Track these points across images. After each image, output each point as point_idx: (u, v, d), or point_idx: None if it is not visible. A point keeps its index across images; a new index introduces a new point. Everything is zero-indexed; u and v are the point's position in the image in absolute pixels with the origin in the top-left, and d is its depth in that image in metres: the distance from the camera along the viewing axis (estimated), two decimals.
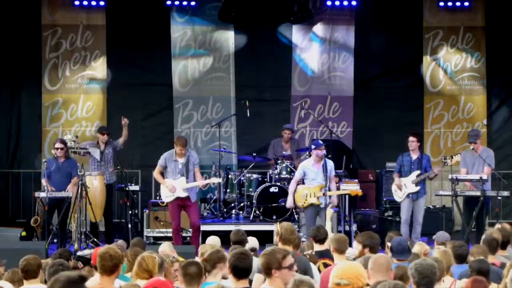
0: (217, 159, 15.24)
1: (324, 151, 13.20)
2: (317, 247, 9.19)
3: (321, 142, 13.55)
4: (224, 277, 6.83)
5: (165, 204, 14.19)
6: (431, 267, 5.98)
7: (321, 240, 9.28)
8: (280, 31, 17.17)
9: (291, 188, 13.47)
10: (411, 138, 13.79)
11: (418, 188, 13.62)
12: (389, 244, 8.81)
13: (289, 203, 13.48)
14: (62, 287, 4.37)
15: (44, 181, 13.53)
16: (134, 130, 16.91)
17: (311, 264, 8.15)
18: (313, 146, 13.34)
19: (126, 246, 10.52)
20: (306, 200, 13.14)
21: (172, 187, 13.36)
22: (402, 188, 13.70)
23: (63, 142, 13.87)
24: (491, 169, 13.52)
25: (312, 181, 13.19)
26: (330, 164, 13.33)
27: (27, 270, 7.25)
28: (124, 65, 17.16)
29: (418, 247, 8.90)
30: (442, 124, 17.27)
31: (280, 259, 5.97)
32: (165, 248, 9.14)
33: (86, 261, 7.89)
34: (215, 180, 14.21)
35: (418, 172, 13.64)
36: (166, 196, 13.53)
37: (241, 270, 6.22)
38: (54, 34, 17.07)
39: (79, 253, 8.70)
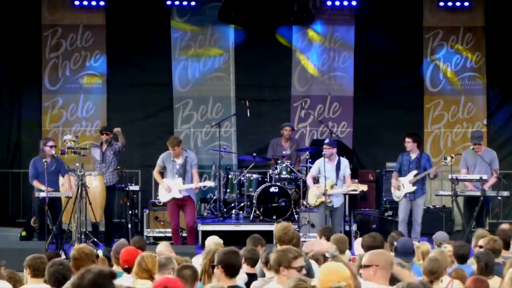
0: (217, 159, 15.23)
1: (327, 151, 13.23)
2: None
3: (328, 141, 13.66)
4: None
5: (163, 204, 14.23)
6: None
7: (327, 239, 9.35)
8: (280, 31, 17.17)
9: (309, 183, 13.53)
10: (406, 139, 13.85)
11: (415, 188, 13.61)
12: (389, 244, 8.82)
13: (314, 191, 13.47)
14: (92, 279, 4.29)
15: (36, 183, 13.49)
16: (134, 130, 16.94)
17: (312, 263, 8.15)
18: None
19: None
20: (318, 198, 13.20)
21: (167, 187, 13.48)
22: (400, 188, 13.72)
23: (53, 139, 13.96)
24: (497, 172, 13.51)
25: (325, 178, 13.20)
26: (344, 163, 13.41)
27: (40, 268, 7.16)
28: (124, 65, 17.15)
29: (423, 246, 8.90)
30: (442, 124, 17.27)
31: (290, 259, 6.03)
32: (162, 248, 9.04)
33: None
34: (208, 183, 14.26)
35: (415, 171, 13.65)
36: (163, 195, 13.66)
37: (233, 268, 6.31)
38: (54, 34, 17.06)
39: None
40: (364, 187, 13.59)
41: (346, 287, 5.17)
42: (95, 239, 13.67)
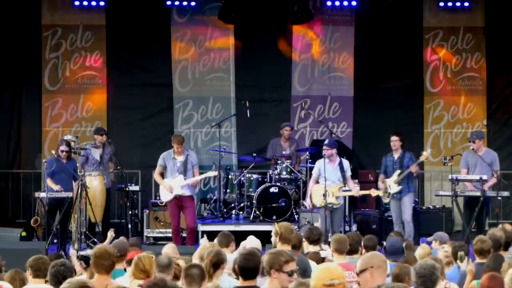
0: (217, 160, 15.23)
1: (326, 152, 13.19)
2: (311, 248, 9.13)
3: (327, 142, 13.59)
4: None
5: (164, 204, 14.23)
6: (430, 266, 5.99)
7: (315, 241, 9.24)
8: (280, 31, 17.17)
9: (309, 187, 13.48)
10: (393, 138, 13.77)
11: (400, 187, 13.58)
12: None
13: (307, 203, 13.47)
14: None
15: (49, 181, 13.43)
16: (134, 130, 16.95)
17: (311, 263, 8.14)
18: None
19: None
20: (324, 200, 13.12)
21: (169, 186, 13.47)
22: (387, 189, 13.70)
23: (68, 144, 13.81)
24: (497, 173, 13.49)
25: (326, 180, 13.14)
26: (346, 164, 13.37)
27: (41, 269, 7.15)
28: (124, 65, 17.15)
29: (421, 250, 8.88)
30: (442, 124, 17.26)
31: (282, 262, 5.95)
32: (168, 250, 9.04)
33: (88, 261, 7.82)
34: (210, 174, 14.21)
35: (399, 171, 13.64)
36: (165, 195, 13.64)
37: (248, 271, 6.18)
38: (54, 34, 17.06)
39: (82, 253, 8.65)
40: (380, 193, 13.63)
41: (339, 286, 5.17)
42: (95, 239, 13.67)
